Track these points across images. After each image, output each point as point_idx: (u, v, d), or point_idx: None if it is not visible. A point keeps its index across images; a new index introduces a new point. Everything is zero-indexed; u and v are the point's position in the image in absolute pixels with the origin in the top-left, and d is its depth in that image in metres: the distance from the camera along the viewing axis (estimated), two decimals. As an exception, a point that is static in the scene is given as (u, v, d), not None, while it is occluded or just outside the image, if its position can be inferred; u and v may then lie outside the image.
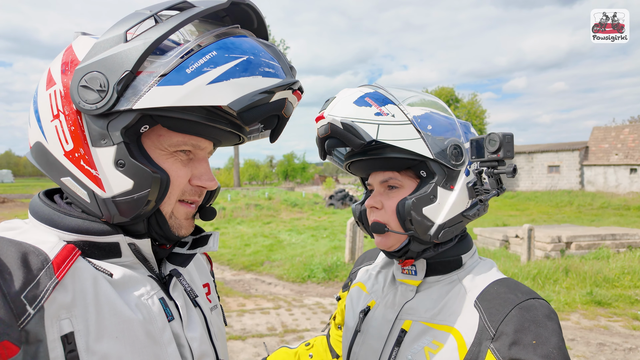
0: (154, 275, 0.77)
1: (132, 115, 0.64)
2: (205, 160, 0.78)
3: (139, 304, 0.70)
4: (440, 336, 0.90)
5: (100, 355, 0.62)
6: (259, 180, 58.97)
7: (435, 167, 0.92)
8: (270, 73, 0.68)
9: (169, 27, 0.65)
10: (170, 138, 0.70)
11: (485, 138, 0.89)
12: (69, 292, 0.61)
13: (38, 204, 0.73)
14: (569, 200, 24.58)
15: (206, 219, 0.86)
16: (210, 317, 0.87)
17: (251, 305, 6.33)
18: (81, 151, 0.66)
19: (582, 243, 9.31)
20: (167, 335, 0.72)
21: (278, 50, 0.73)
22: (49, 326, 0.58)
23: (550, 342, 0.78)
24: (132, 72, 0.63)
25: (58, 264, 0.61)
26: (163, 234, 0.75)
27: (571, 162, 30.56)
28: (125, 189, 0.66)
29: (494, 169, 0.89)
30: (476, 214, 0.96)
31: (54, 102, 0.68)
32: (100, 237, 0.70)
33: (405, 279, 1.02)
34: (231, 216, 18.29)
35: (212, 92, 0.63)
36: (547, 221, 16.71)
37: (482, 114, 34.44)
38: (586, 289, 6.47)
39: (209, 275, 1.00)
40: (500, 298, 0.87)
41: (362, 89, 0.96)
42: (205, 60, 0.64)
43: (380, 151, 0.93)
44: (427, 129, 0.91)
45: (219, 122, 0.71)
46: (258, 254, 10.49)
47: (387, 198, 0.97)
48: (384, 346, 0.97)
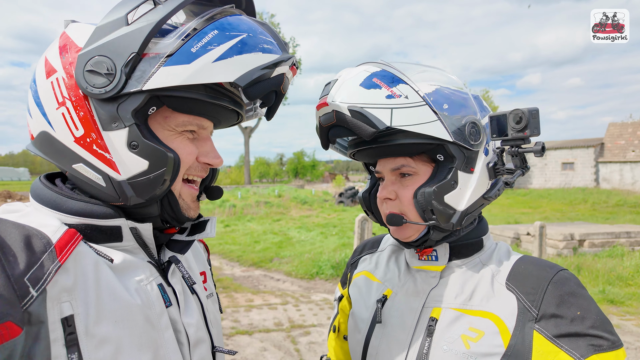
0: (153, 262, 0.78)
1: (141, 96, 0.66)
2: (209, 138, 0.80)
3: (138, 289, 0.71)
4: (477, 322, 0.84)
5: (99, 338, 0.63)
6: (269, 178, 59.20)
7: (454, 150, 0.83)
8: (269, 49, 0.70)
9: (170, 8, 0.66)
10: (176, 118, 0.72)
11: (508, 115, 0.82)
12: (71, 275, 0.62)
13: (40, 187, 0.73)
14: (584, 198, 24.10)
15: (213, 198, 0.88)
16: (206, 304, 0.88)
17: (259, 301, 6.38)
18: (93, 136, 0.67)
19: (595, 241, 9.13)
20: (164, 320, 0.73)
21: (272, 28, 0.75)
22: (50, 308, 0.59)
23: (592, 311, 0.79)
24: (138, 53, 0.65)
25: (61, 248, 0.62)
26: (174, 216, 0.77)
27: (586, 159, 29.93)
28: (141, 170, 0.68)
29: (518, 148, 0.83)
30: (497, 194, 0.89)
31: (58, 90, 0.68)
32: (103, 220, 0.70)
33: (425, 266, 0.94)
34: (241, 213, 18.40)
35: (218, 69, 0.66)
36: (561, 219, 16.43)
37: (495, 110, 33.91)
38: (599, 287, 6.35)
39: (206, 264, 1.01)
40: (532, 276, 0.84)
41: (366, 67, 0.87)
42: (208, 39, 0.66)
43: (392, 137, 0.84)
44: (443, 108, 0.83)
45: (221, 99, 0.73)
46: (267, 250, 10.55)
47: (401, 187, 0.90)
48: (412, 337, 0.90)
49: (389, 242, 1.15)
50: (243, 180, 37.52)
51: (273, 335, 5.00)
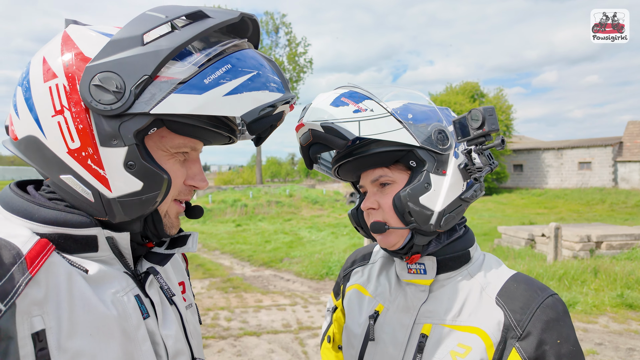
0: (130, 272, 0.76)
1: (146, 118, 0.65)
2: (198, 160, 0.81)
3: (114, 300, 0.69)
4: (466, 339, 0.88)
5: (73, 353, 0.61)
6: (280, 178, 59.47)
7: (423, 155, 0.90)
8: (275, 88, 0.73)
9: (187, 37, 0.66)
10: (172, 140, 0.72)
11: (467, 116, 0.88)
12: (42, 288, 0.60)
13: (9, 195, 0.71)
14: (601, 198, 23.55)
15: (194, 217, 0.87)
16: (185, 315, 0.86)
17: (268, 302, 6.38)
18: (89, 150, 0.65)
19: (613, 243, 8.89)
20: (141, 332, 0.71)
21: (277, 65, 0.78)
22: (19, 323, 0.56)
23: (570, 339, 0.85)
24: (150, 76, 0.64)
25: (32, 259, 0.59)
26: (156, 233, 0.77)
27: (604, 158, 29.24)
28: (134, 190, 0.67)
29: (482, 146, 0.89)
30: (474, 195, 0.94)
31: (57, 97, 0.65)
32: (77, 229, 0.68)
33: (414, 279, 0.97)
34: (253, 213, 18.52)
35: (227, 103, 0.67)
36: (577, 220, 16.08)
37: (509, 109, 33.29)
38: (616, 291, 6.17)
39: (184, 274, 1.00)
40: (522, 296, 0.89)
41: (337, 90, 0.96)
42: (222, 72, 0.67)
43: (366, 148, 0.92)
44: (407, 118, 0.91)
45: (221, 128, 0.76)
46: (278, 250, 10.58)
47: (381, 196, 0.95)
48: (404, 354, 0.94)
49: (379, 254, 1.18)
50: (255, 180, 37.74)
51: (281, 337, 4.99)
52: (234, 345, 4.77)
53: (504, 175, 31.54)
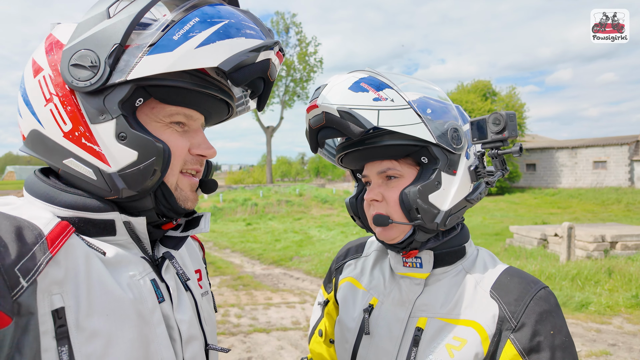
0: (147, 257, 0.78)
1: (127, 87, 0.66)
2: (201, 130, 0.80)
3: (131, 283, 0.71)
4: (461, 331, 0.88)
5: (90, 332, 0.62)
6: (290, 177, 59.53)
7: (437, 152, 0.88)
8: (252, 35, 0.71)
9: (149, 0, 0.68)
10: (163, 109, 0.73)
11: (487, 119, 0.87)
12: (62, 268, 0.62)
13: (34, 181, 0.74)
14: (617, 198, 23.04)
15: (208, 192, 0.88)
16: (200, 301, 0.88)
17: (278, 299, 6.42)
18: (81, 129, 0.67)
19: (628, 243, 8.70)
20: (156, 316, 0.73)
21: (254, 15, 0.76)
22: (40, 300, 0.58)
23: (563, 331, 0.86)
24: (121, 44, 0.65)
25: (52, 240, 0.62)
26: (170, 207, 0.77)
27: (619, 157, 28.59)
28: (130, 161, 0.68)
29: (497, 150, 0.87)
30: (478, 197, 0.94)
31: (45, 87, 0.69)
32: (96, 213, 0.71)
33: (410, 272, 0.96)
34: (263, 212, 18.60)
35: (201, 54, 0.66)
36: (592, 220, 15.77)
37: (521, 107, 32.77)
38: (631, 291, 6.04)
39: (201, 262, 1.01)
40: (516, 289, 0.89)
41: (355, 74, 0.92)
42: (189, 27, 0.67)
43: (379, 139, 0.89)
44: (426, 112, 0.88)
45: (208, 87, 0.74)
46: (288, 249, 10.61)
47: (387, 189, 0.93)
48: (399, 347, 0.93)
49: (373, 246, 1.16)
50: (265, 179, 37.88)
51: (290, 334, 5.02)
52: (243, 341, 4.82)
53: (516, 175, 31.01)
